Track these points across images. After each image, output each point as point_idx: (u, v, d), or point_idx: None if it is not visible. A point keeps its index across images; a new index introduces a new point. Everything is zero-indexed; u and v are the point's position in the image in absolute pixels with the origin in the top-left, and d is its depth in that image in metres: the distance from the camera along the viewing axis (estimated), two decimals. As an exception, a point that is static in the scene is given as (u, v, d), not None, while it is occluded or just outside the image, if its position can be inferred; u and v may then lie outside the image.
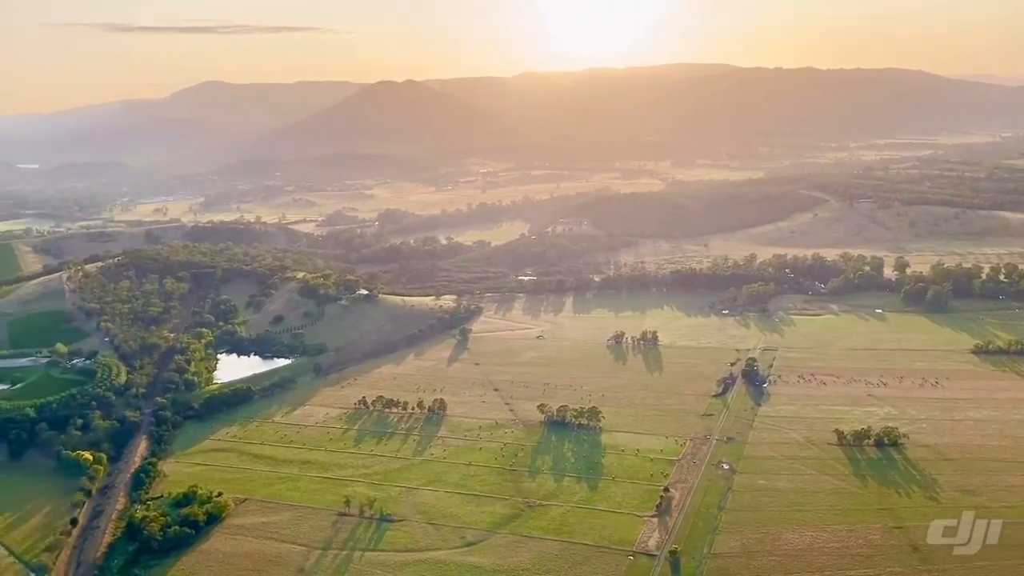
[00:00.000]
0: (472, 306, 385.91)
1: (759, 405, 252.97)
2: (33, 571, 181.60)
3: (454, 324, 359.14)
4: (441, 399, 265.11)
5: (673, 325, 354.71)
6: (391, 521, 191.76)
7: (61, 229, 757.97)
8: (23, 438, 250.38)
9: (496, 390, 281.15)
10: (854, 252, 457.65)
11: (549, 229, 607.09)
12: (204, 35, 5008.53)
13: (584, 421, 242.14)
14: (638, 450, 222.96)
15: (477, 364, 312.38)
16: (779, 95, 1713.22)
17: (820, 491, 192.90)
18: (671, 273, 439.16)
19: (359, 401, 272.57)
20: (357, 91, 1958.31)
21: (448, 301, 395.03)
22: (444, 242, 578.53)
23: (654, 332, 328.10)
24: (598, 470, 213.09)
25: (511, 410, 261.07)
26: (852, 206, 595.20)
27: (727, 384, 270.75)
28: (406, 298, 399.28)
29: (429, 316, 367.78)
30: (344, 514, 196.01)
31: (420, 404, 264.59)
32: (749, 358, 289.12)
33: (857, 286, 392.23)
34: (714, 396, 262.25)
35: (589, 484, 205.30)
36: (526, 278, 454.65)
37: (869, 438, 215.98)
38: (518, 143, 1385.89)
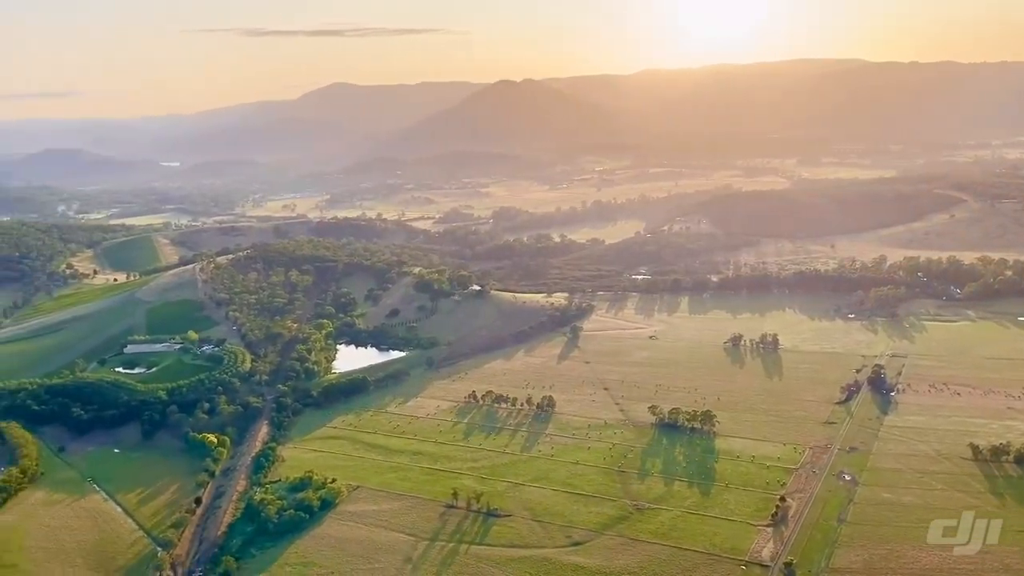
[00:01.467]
0: (584, 304, 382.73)
1: (886, 414, 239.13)
2: (160, 546, 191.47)
3: (565, 322, 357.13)
4: (550, 396, 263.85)
5: (795, 328, 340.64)
6: (497, 516, 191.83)
7: (197, 223, 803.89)
8: (155, 419, 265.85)
9: (606, 389, 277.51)
10: (994, 256, 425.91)
11: (665, 227, 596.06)
12: (333, 38, 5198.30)
13: (697, 425, 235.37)
14: (753, 457, 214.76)
15: (587, 363, 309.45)
16: (914, 90, 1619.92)
17: (951, 508, 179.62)
18: (794, 274, 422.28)
19: (469, 395, 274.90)
20: (476, 91, 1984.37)
21: (559, 299, 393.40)
22: (557, 240, 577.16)
23: (774, 335, 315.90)
24: (710, 476, 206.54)
25: (621, 410, 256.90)
26: (993, 207, 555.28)
27: (851, 391, 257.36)
28: (517, 295, 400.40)
29: (540, 313, 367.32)
30: (452, 506, 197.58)
31: (529, 401, 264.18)
32: (876, 365, 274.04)
33: (997, 292, 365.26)
34: (837, 403, 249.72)
35: (701, 489, 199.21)
36: (640, 277, 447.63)
37: (1008, 454, 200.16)
38: (636, 141, 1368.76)
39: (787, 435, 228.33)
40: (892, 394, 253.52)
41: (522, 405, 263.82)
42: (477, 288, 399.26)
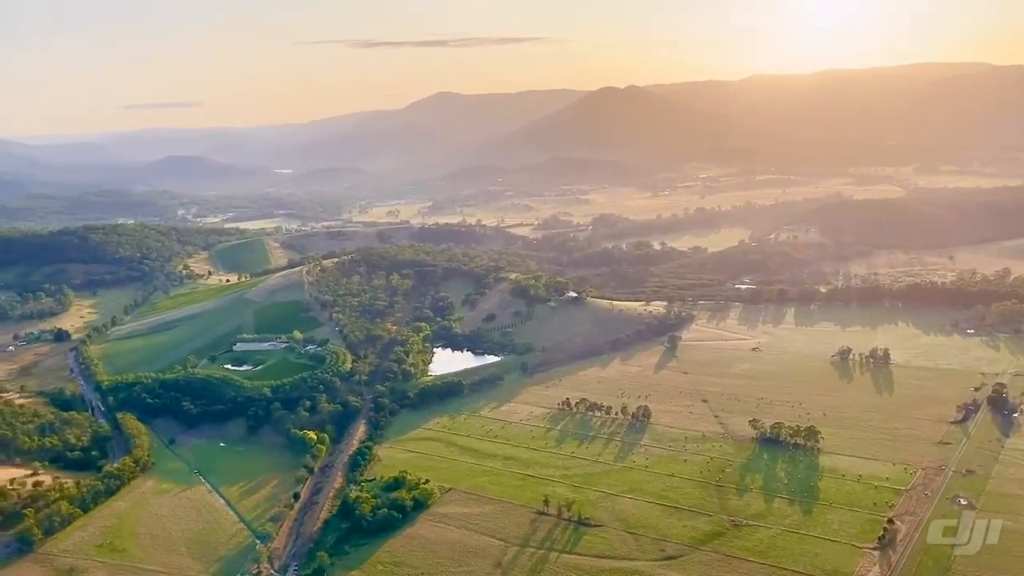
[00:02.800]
0: (683, 313, 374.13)
1: (1007, 436, 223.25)
2: (259, 538, 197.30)
3: (663, 331, 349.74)
4: (646, 406, 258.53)
5: (908, 343, 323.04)
6: (589, 525, 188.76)
7: (306, 228, 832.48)
8: (260, 415, 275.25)
9: (705, 401, 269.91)
10: None
11: (771, 236, 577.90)
12: (438, 48, 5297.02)
13: (800, 440, 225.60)
14: (860, 476, 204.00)
15: (686, 373, 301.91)
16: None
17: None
18: (908, 287, 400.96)
19: (563, 402, 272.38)
20: (579, 98, 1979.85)
21: (658, 307, 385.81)
22: (657, 247, 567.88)
23: (885, 349, 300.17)
24: (813, 494, 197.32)
25: (720, 423, 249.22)
26: None
27: (969, 411, 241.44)
28: (615, 302, 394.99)
29: (637, 321, 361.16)
30: (542, 513, 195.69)
31: (624, 410, 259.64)
32: (997, 383, 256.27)
33: None
34: (952, 423, 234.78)
35: (803, 508, 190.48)
36: (743, 286, 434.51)
37: None
38: (742, 147, 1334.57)
39: (897, 454, 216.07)
40: (1015, 415, 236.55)
41: (616, 414, 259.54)
42: (574, 295, 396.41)
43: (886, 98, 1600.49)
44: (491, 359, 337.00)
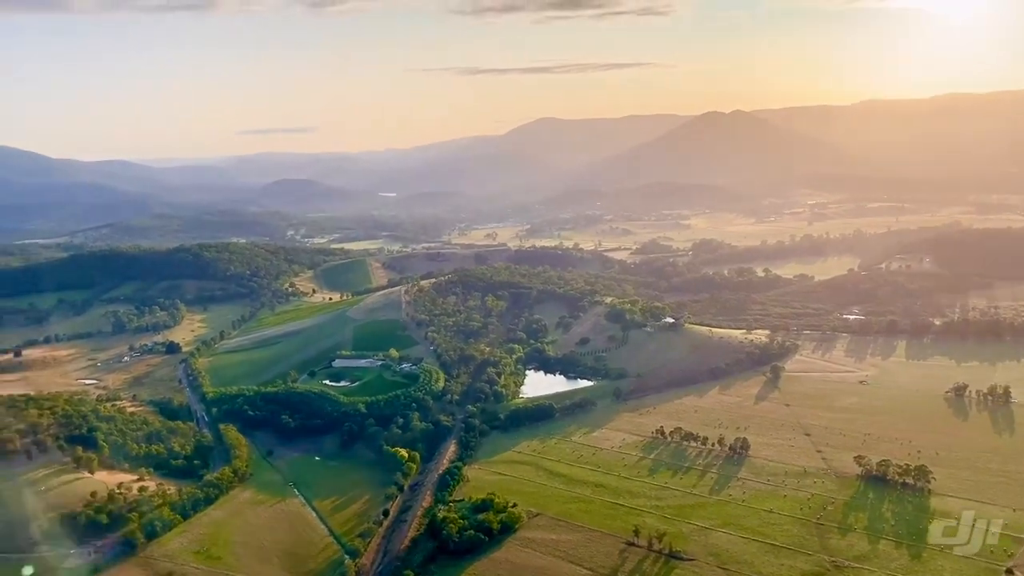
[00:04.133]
0: (787, 343, 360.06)
1: None
2: (348, 553, 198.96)
3: (765, 360, 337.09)
4: (744, 438, 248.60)
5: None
6: (680, 559, 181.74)
7: (407, 249, 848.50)
8: (354, 431, 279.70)
9: (807, 435, 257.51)
10: None
11: (882, 265, 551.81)
12: (543, 75, 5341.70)
13: (910, 480, 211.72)
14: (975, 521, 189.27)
15: (787, 405, 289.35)
16: None
17: None
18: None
19: (657, 430, 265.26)
20: (682, 123, 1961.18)
21: (760, 336, 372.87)
22: (761, 274, 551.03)
23: (1006, 387, 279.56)
24: (923, 537, 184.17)
25: (823, 458, 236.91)
26: None
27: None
28: (714, 329, 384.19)
29: (737, 350, 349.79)
30: (632, 544, 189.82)
31: (721, 441, 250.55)
32: None
33: None
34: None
35: (911, 552, 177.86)
36: (851, 317, 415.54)
37: None
38: (853, 174, 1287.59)
39: (1017, 499, 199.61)
40: None
41: (713, 445, 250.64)
42: (671, 320, 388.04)
43: (1010, 123, 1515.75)
44: (584, 383, 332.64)
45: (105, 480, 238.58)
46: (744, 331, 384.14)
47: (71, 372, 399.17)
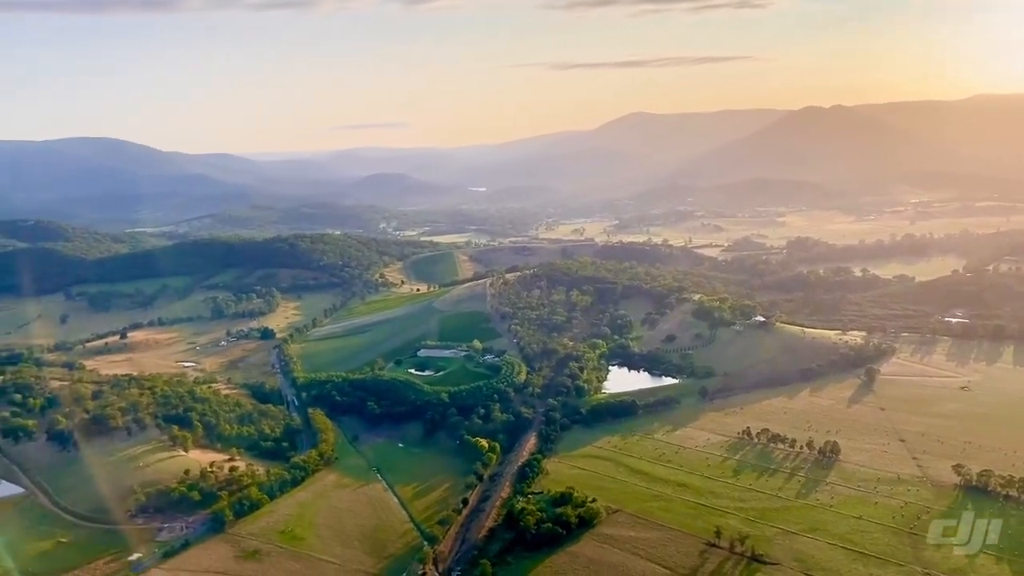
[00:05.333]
0: (883, 345, 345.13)
1: None
2: (427, 540, 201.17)
3: (859, 363, 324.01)
4: (834, 442, 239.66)
5: None
6: (763, 562, 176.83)
7: (494, 243, 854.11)
8: (436, 419, 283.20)
9: (902, 441, 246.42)
10: None
11: (990, 267, 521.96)
12: (634, 69, 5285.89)
13: (1013, 492, 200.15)
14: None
15: (882, 409, 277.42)
16: None
17: None
18: None
19: (743, 431, 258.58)
20: (779, 118, 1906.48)
21: (855, 337, 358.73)
22: (858, 274, 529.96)
23: None
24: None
25: (919, 466, 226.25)
26: None
27: None
28: (806, 329, 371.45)
29: (831, 351, 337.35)
30: (713, 545, 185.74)
31: (810, 444, 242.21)
32: None
33: None
34: None
35: (1013, 568, 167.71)
36: (954, 320, 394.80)
37: None
38: (959, 171, 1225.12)
39: None
40: None
41: (801, 448, 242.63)
42: (761, 319, 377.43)
43: None
44: (668, 381, 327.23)
45: (198, 459, 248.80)
46: (838, 332, 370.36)
47: (172, 354, 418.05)
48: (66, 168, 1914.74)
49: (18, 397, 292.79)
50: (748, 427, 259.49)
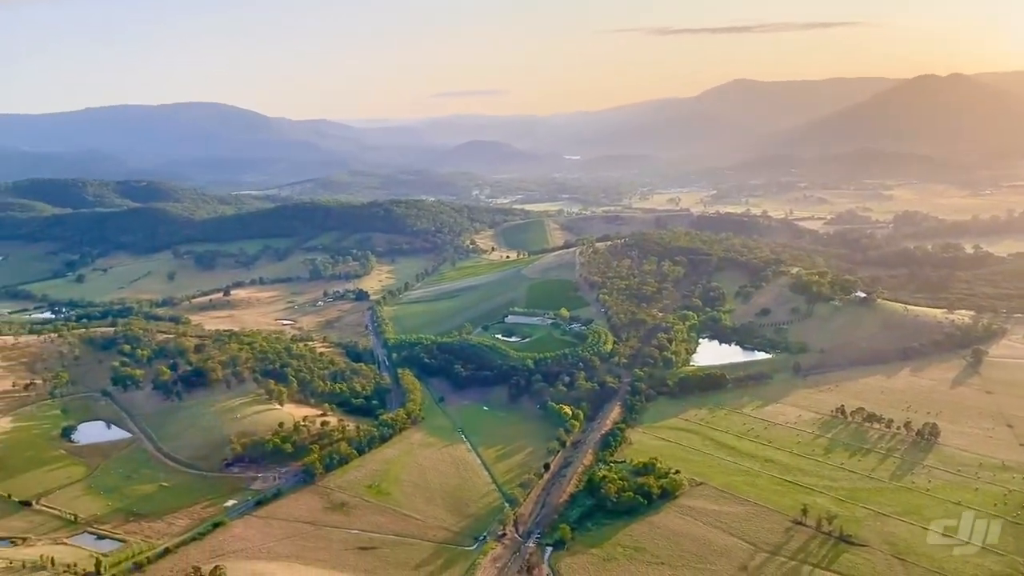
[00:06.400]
0: (993, 326, 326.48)
1: None
2: (508, 501, 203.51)
3: (966, 343, 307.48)
4: (934, 424, 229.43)
5: None
6: (851, 543, 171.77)
7: (586, 212, 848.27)
8: (521, 385, 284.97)
9: (1010, 426, 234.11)
10: None
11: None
12: (737, 35, 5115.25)
13: None
14: None
15: (989, 392, 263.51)
16: None
17: None
18: None
19: (836, 409, 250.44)
20: (891, 86, 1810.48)
21: (963, 316, 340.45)
22: (969, 251, 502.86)
23: None
24: None
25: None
26: None
27: None
28: (910, 307, 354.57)
29: (935, 330, 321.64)
30: (799, 523, 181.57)
31: (907, 425, 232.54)
32: None
33: None
34: None
35: None
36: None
37: None
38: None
39: None
40: None
41: (898, 429, 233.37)
42: (862, 295, 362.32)
43: None
44: (760, 356, 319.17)
45: (292, 413, 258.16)
46: (944, 310, 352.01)
47: (271, 312, 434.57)
48: (179, 132, 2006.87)
49: (127, 348, 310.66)
50: (842, 405, 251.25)
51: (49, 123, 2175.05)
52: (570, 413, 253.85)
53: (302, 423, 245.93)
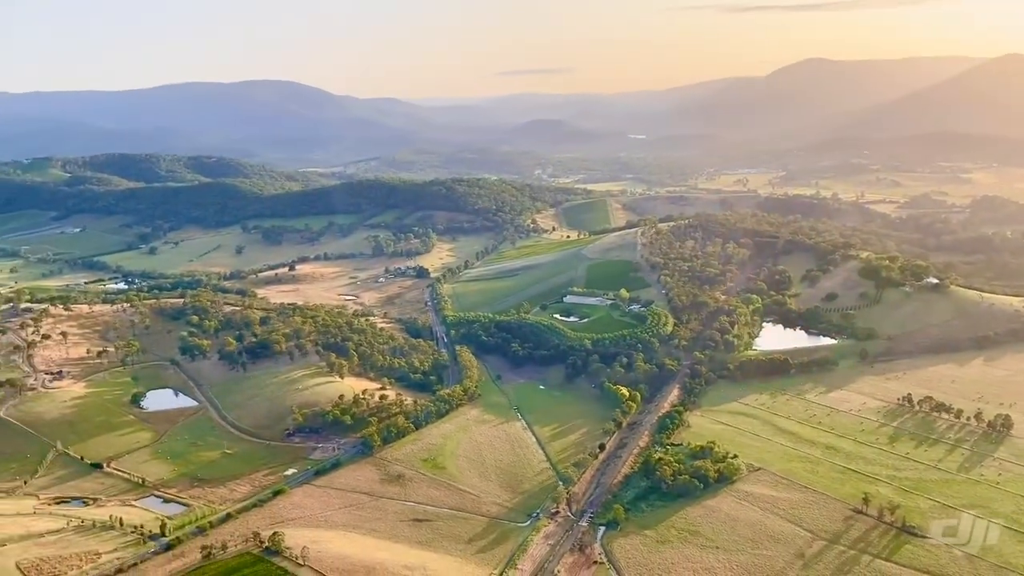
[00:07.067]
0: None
1: None
2: (561, 480, 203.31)
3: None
4: (1007, 416, 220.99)
5: None
6: (914, 535, 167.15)
7: (650, 192, 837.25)
8: (578, 365, 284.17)
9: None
10: None
11: None
12: (813, 12, 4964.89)
13: None
14: None
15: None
16: None
17: None
18: None
19: (903, 397, 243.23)
20: (973, 66, 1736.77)
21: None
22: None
23: None
24: None
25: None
26: None
27: None
28: (985, 294, 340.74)
29: (1012, 319, 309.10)
30: (859, 512, 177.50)
31: (978, 416, 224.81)
32: None
33: None
34: None
35: None
36: None
37: None
38: None
39: None
40: None
41: (968, 419, 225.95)
42: (934, 281, 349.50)
43: None
44: (825, 341, 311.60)
45: (352, 385, 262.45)
46: (1023, 299, 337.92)
47: (334, 287, 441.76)
48: (249, 109, 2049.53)
49: (196, 319, 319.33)
50: (909, 394, 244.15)
51: (126, 100, 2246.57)
52: (627, 394, 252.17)
53: (361, 396, 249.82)
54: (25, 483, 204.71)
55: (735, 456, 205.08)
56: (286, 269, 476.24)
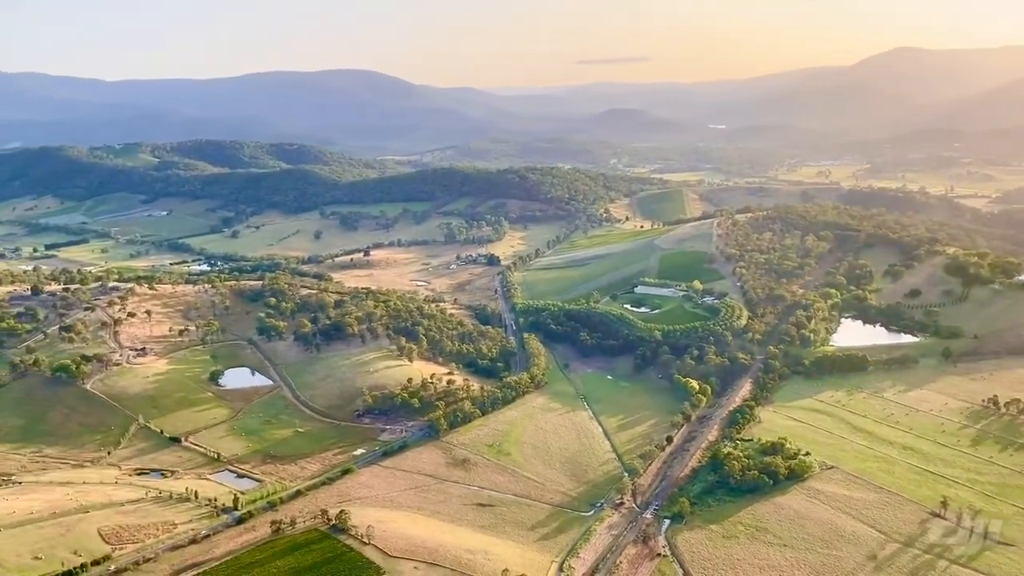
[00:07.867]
0: None
1: None
2: (627, 471, 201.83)
3: None
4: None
5: None
6: (994, 542, 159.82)
7: (728, 183, 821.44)
8: (647, 356, 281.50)
9: None
10: None
11: None
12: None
13: None
14: None
15: None
16: None
17: None
18: None
19: (988, 399, 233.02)
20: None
21: None
22: None
23: None
24: None
25: None
26: None
27: None
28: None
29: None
30: (937, 515, 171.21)
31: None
32: None
33: None
34: None
35: None
36: None
37: None
38: None
39: None
40: None
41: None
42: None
43: None
44: (906, 339, 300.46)
45: (421, 369, 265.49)
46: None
47: (407, 273, 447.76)
48: (329, 97, 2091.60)
49: (273, 301, 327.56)
50: (995, 395, 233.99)
51: (213, 88, 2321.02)
52: (697, 387, 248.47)
53: (430, 380, 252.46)
54: (109, 454, 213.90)
55: (807, 453, 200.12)
56: (361, 254, 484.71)
